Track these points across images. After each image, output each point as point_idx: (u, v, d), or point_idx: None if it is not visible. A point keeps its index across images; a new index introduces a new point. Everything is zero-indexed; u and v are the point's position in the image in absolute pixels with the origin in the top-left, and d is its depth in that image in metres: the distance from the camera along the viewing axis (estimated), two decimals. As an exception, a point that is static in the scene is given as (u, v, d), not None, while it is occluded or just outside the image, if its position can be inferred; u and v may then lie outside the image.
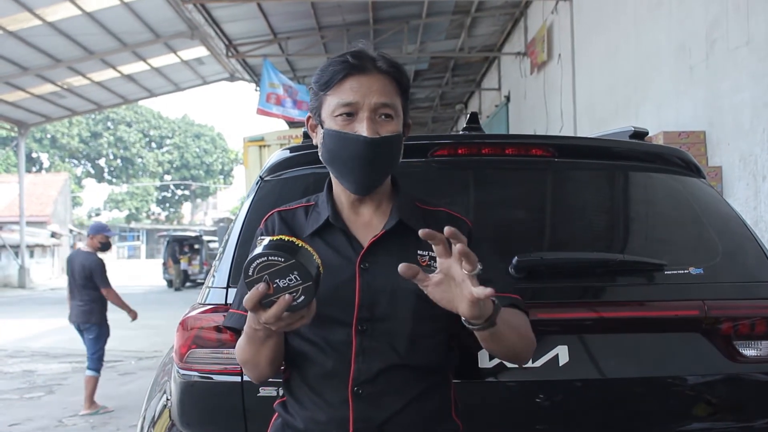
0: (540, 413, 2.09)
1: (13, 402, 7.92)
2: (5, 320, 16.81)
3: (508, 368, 2.02)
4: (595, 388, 2.10)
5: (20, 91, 22.32)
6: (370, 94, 1.68)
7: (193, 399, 2.20)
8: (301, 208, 1.86)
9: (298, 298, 1.45)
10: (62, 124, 57.62)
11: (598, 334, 2.12)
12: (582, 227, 2.43)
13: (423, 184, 2.44)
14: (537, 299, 2.10)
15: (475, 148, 2.46)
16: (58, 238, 37.12)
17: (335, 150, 1.72)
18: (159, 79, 22.51)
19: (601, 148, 2.60)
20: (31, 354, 11.42)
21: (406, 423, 1.67)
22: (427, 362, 1.71)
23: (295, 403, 1.77)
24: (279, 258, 1.42)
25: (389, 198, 1.82)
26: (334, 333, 1.69)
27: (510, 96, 17.87)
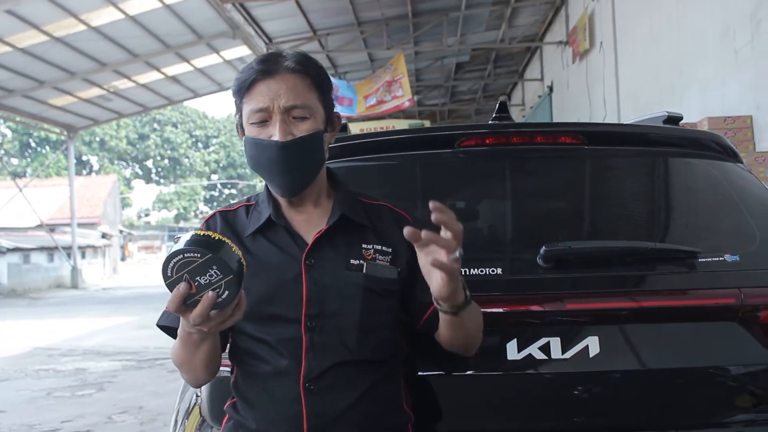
0: (570, 406, 2.04)
1: (65, 399, 8.08)
2: (59, 320, 17.15)
3: (537, 360, 1.98)
4: (627, 379, 2.04)
5: (68, 95, 22.73)
6: (278, 97, 1.68)
7: (222, 394, 2.20)
8: (242, 207, 1.87)
9: (222, 294, 1.41)
10: (110, 127, 58.55)
11: (630, 325, 2.06)
12: (613, 215, 2.38)
13: (450, 175, 2.41)
14: (566, 289, 2.06)
15: (503, 137, 2.42)
16: (109, 238, 37.77)
17: (255, 157, 1.72)
18: (202, 79, 22.73)
19: (632, 134, 2.54)
20: (83, 352, 11.63)
21: (359, 416, 1.69)
22: (377, 356, 1.73)
23: (245, 404, 1.77)
24: (195, 254, 1.38)
25: (328, 194, 1.82)
26: (282, 331, 1.69)
27: (553, 86, 17.70)
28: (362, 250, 1.73)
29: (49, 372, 9.90)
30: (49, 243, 29.24)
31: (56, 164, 49.95)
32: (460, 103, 25.71)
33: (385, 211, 1.82)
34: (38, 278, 28.44)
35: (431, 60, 20.53)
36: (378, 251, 1.74)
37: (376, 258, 1.73)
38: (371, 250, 1.73)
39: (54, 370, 10.02)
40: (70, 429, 6.67)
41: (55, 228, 32.79)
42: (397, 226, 1.73)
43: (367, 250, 1.73)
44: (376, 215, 1.80)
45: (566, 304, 1.92)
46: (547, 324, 1.89)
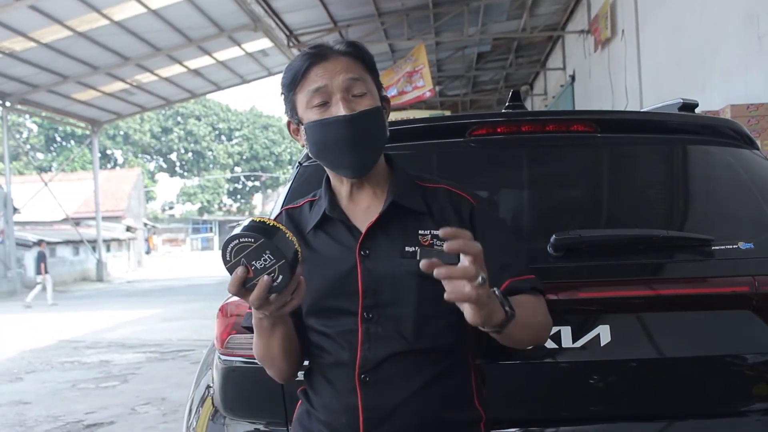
0: (580, 394, 2.03)
1: (89, 391, 8.16)
2: (84, 312, 17.35)
3: (548, 349, 1.98)
4: (639, 368, 2.03)
5: (92, 89, 22.93)
6: (336, 75, 1.67)
7: (234, 384, 2.22)
8: (307, 203, 1.87)
9: (277, 278, 1.44)
10: (134, 121, 58.99)
11: (641, 313, 2.05)
12: (625, 203, 2.36)
13: (462, 164, 2.40)
14: (576, 278, 2.05)
15: (514, 125, 2.41)
16: (133, 232, 38.07)
17: (320, 139, 1.70)
18: (225, 72, 22.82)
19: (646, 122, 2.52)
20: (107, 345, 11.74)
21: (417, 410, 1.65)
22: (436, 345, 1.67)
23: (312, 392, 1.78)
24: (250, 239, 1.42)
25: (386, 181, 1.79)
26: (341, 323, 1.68)
27: (575, 75, 17.57)
28: (419, 236, 1.69)
29: (74, 364, 10.01)
30: (75, 236, 29.53)
31: (81, 158, 50.39)
32: (482, 93, 25.59)
33: (443, 193, 1.77)
34: (64, 271, 28.71)
35: (452, 50, 20.46)
36: (435, 236, 1.67)
37: (434, 243, 1.67)
38: (428, 235, 1.68)
39: (79, 362, 10.13)
40: (94, 420, 6.73)
41: (80, 222, 33.06)
42: (455, 209, 1.73)
43: (423, 236, 1.69)
44: (434, 199, 1.75)
45: (577, 293, 1.91)
46: (558, 313, 1.86)
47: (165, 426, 6.30)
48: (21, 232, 27.30)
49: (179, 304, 17.67)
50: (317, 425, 1.73)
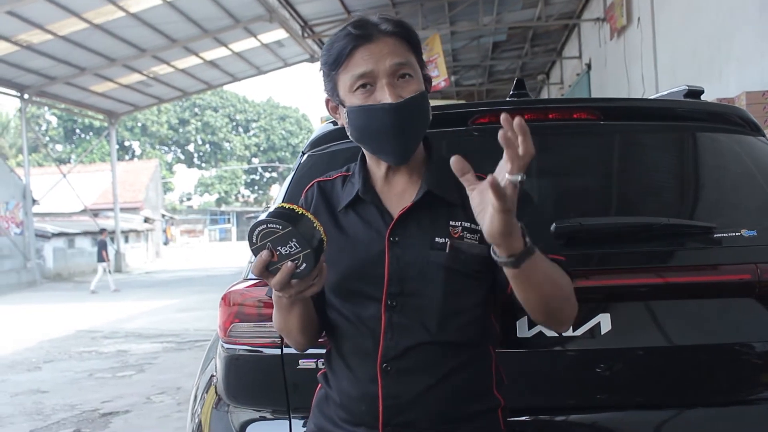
0: (580, 383, 2.03)
1: (106, 380, 8.23)
2: (102, 303, 17.49)
3: (546, 337, 1.97)
4: (640, 357, 2.02)
5: (109, 81, 23.04)
6: (382, 59, 1.62)
7: (237, 372, 2.23)
8: (340, 178, 1.83)
9: (300, 265, 1.45)
10: (151, 113, 59.26)
11: (643, 302, 2.04)
12: (628, 191, 2.34)
13: (463, 153, 2.39)
14: (577, 266, 2.03)
15: (516, 114, 2.39)
16: (151, 223, 38.26)
17: (363, 125, 1.66)
18: (241, 63, 22.86)
19: (650, 109, 2.50)
20: (125, 335, 11.83)
21: (437, 399, 1.64)
22: (459, 339, 1.65)
23: (332, 376, 1.77)
24: (277, 225, 1.43)
25: (423, 164, 1.75)
26: (365, 308, 1.67)
27: (591, 64, 17.47)
28: (449, 227, 1.66)
29: (92, 354, 10.10)
30: (93, 228, 29.67)
31: (100, 150, 50.69)
32: (499, 83, 25.48)
33: None
34: (82, 262, 28.92)
35: (467, 40, 20.39)
36: (467, 229, 1.65)
37: (464, 236, 1.65)
38: (459, 227, 1.65)
39: (96, 352, 10.22)
40: (110, 409, 6.79)
41: (98, 213, 33.25)
42: None
43: (454, 228, 1.66)
44: None
45: (577, 282, 1.90)
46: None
47: (179, 415, 6.35)
48: (40, 223, 27.53)
49: (197, 294, 17.77)
50: (336, 410, 1.73)
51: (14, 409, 6.99)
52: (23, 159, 26.34)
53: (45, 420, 6.50)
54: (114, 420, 6.42)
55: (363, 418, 1.67)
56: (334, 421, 1.73)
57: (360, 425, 1.67)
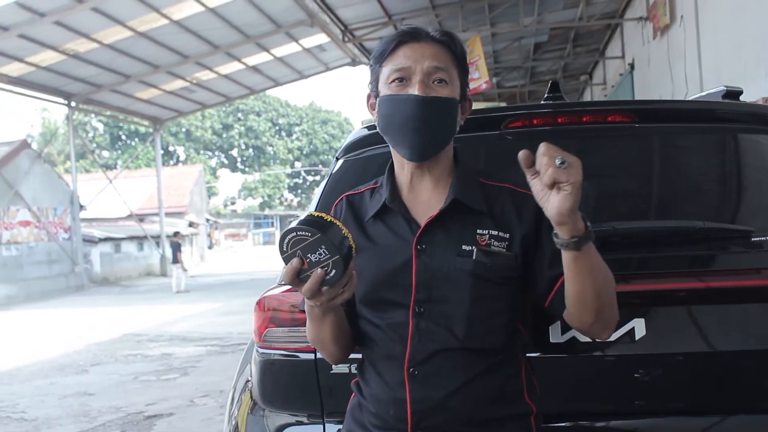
0: (614, 389, 2.01)
1: (151, 383, 8.36)
2: (148, 306, 17.75)
3: (580, 342, 1.96)
4: (676, 362, 1.99)
5: (153, 88, 23.37)
6: (422, 59, 1.68)
7: (271, 377, 2.25)
8: (368, 190, 1.86)
9: (330, 272, 1.47)
10: (195, 118, 59.84)
11: (677, 306, 2.01)
12: (663, 195, 2.32)
13: (496, 157, 2.39)
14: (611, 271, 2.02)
15: (550, 117, 2.38)
16: (196, 227, 38.64)
17: (389, 114, 1.71)
18: (283, 68, 23.01)
19: (685, 111, 2.47)
20: (169, 338, 11.99)
21: (464, 404, 1.65)
22: (485, 344, 1.67)
23: (364, 383, 1.79)
24: (306, 233, 1.45)
25: (449, 174, 1.77)
26: (393, 315, 1.69)
27: (634, 63, 17.25)
28: (477, 235, 1.68)
29: (137, 357, 10.26)
30: (139, 232, 30.11)
31: (145, 155, 51.34)
32: (541, 84, 25.26)
33: (506, 193, 1.74)
34: (129, 266, 29.35)
35: (509, 41, 20.27)
36: (494, 237, 1.68)
37: (491, 244, 1.67)
38: (486, 235, 1.67)
39: (142, 355, 10.37)
40: (154, 411, 6.90)
41: (144, 218, 33.72)
42: (517, 210, 1.71)
43: (482, 236, 1.67)
44: (495, 198, 1.73)
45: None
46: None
47: (222, 418, 6.37)
48: (87, 228, 27.97)
49: (240, 298, 17.92)
50: (368, 417, 1.75)
51: (62, 411, 7.14)
52: (71, 165, 26.82)
53: (91, 422, 6.62)
54: (158, 422, 6.51)
55: (392, 423, 1.68)
56: (365, 427, 1.75)
57: (390, 430, 1.69)
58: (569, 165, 1.40)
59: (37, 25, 16.33)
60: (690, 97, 2.84)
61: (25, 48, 17.83)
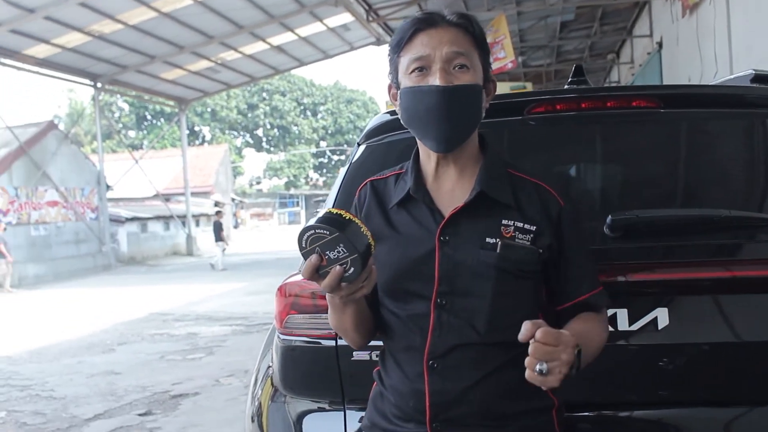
0: (637, 379, 2.00)
1: (177, 362, 8.45)
2: (175, 286, 17.91)
3: (603, 332, 1.94)
4: (699, 353, 1.97)
5: (178, 68, 23.45)
6: (440, 45, 1.64)
7: (293, 363, 2.26)
8: (393, 176, 1.84)
9: (349, 270, 1.47)
10: (221, 98, 59.99)
11: (701, 296, 1.98)
12: (689, 182, 2.27)
13: (519, 143, 2.36)
14: (633, 259, 1.99)
15: (573, 103, 2.34)
16: (221, 206, 38.84)
17: (411, 106, 1.68)
18: (307, 47, 22.98)
19: (712, 96, 2.42)
20: (195, 317, 12.11)
21: (483, 396, 1.64)
22: (507, 338, 1.63)
23: (385, 373, 1.80)
24: (325, 231, 1.46)
25: (475, 164, 1.74)
26: (415, 306, 1.68)
27: (662, 42, 17.01)
28: (501, 227, 1.66)
29: (164, 336, 10.37)
30: (165, 212, 30.31)
31: (171, 135, 51.63)
32: (567, 63, 25.00)
33: (533, 187, 1.72)
34: (155, 246, 29.57)
35: (535, 20, 20.06)
36: (519, 229, 1.65)
37: (516, 236, 1.65)
38: (511, 227, 1.65)
39: (168, 335, 10.48)
40: (180, 391, 6.98)
41: (170, 197, 33.90)
42: (543, 205, 1.70)
43: (506, 228, 1.65)
44: (522, 190, 1.71)
45: (634, 275, 1.87)
46: (614, 295, 1.81)
47: (246, 398, 6.46)
48: (114, 208, 28.22)
49: (265, 277, 18.03)
50: (388, 407, 1.75)
51: (90, 389, 7.25)
52: (97, 146, 27.02)
53: (118, 401, 6.71)
54: (183, 402, 6.59)
55: (412, 414, 1.68)
56: (386, 417, 1.76)
57: (410, 421, 1.69)
58: (549, 372, 1.43)
59: (62, 7, 16.41)
60: (718, 80, 2.77)
61: (51, 30, 17.94)
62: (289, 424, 2.23)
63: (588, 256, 1.73)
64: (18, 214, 21.76)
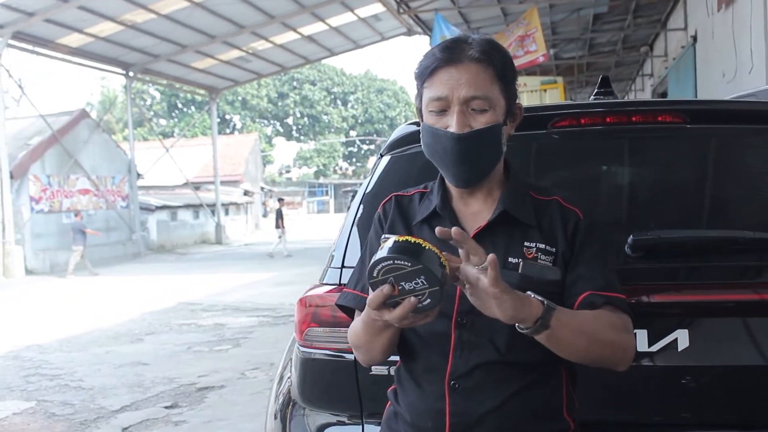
0: (655, 400, 1.98)
1: (203, 354, 8.53)
2: (203, 275, 18.04)
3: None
4: (718, 375, 1.95)
5: (209, 58, 23.61)
6: (459, 87, 1.63)
7: (311, 375, 2.27)
8: (417, 193, 1.84)
9: (424, 301, 1.44)
10: (251, 87, 60.19)
11: (723, 318, 1.96)
12: (714, 201, 2.24)
13: (542, 158, 2.34)
14: (654, 280, 1.98)
15: (599, 117, 2.32)
16: (251, 195, 39.02)
17: (430, 145, 1.70)
18: (338, 37, 23.02)
19: (740, 112, 2.37)
20: (222, 308, 12.19)
21: (504, 419, 1.63)
22: (528, 359, 1.64)
23: (401, 392, 1.79)
24: (405, 262, 1.41)
25: (500, 186, 1.75)
26: (435, 325, 1.63)
27: (697, 36, 16.78)
28: (524, 248, 1.66)
29: (191, 327, 10.46)
30: (195, 200, 30.52)
31: (201, 124, 51.91)
32: (600, 56, 24.80)
33: (555, 207, 1.72)
34: (185, 234, 29.81)
35: (567, 12, 19.88)
36: (541, 250, 1.66)
37: (538, 257, 1.65)
38: (533, 248, 1.66)
39: (195, 325, 10.57)
40: (206, 384, 7.04)
41: (199, 186, 34.10)
42: (563, 223, 1.69)
43: (529, 249, 1.66)
44: (544, 212, 1.71)
45: (655, 296, 1.85)
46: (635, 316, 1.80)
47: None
48: (144, 196, 28.49)
49: (294, 268, 18.12)
50: (403, 426, 1.75)
51: (117, 380, 7.33)
52: (128, 134, 27.26)
53: (145, 392, 6.78)
54: (209, 395, 6.64)
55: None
56: None
57: None
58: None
59: (95, -3, 16.58)
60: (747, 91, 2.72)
61: (85, 19, 18.11)
62: None
63: (596, 264, 1.68)
64: (50, 202, 22.04)
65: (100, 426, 5.85)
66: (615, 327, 1.60)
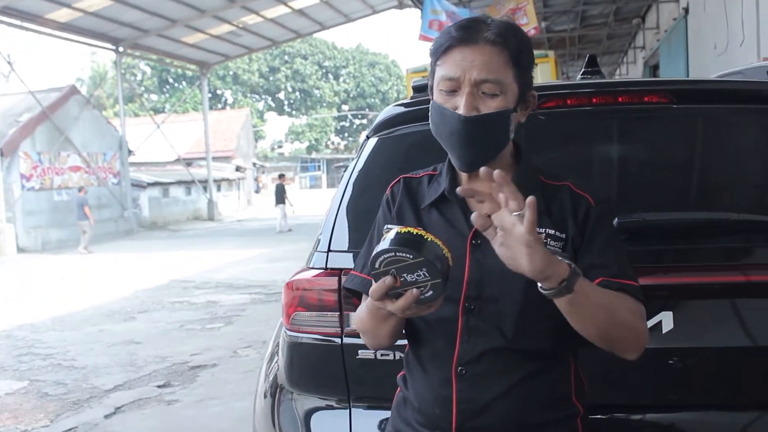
0: (646, 382, 1.99)
1: (195, 332, 8.55)
2: (195, 252, 18.06)
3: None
4: (702, 357, 1.96)
5: (199, 32, 23.47)
6: (471, 69, 1.59)
7: (298, 359, 2.27)
8: (426, 176, 1.82)
9: (426, 293, 1.43)
10: (242, 61, 59.92)
11: (707, 300, 1.97)
12: (700, 183, 2.23)
13: (528, 138, 2.32)
14: (639, 263, 1.96)
15: (584, 97, 2.30)
16: (243, 171, 38.93)
17: (438, 124, 1.66)
18: (329, 11, 22.91)
19: (728, 91, 2.35)
20: (215, 285, 12.21)
21: (511, 405, 1.63)
22: (536, 346, 1.63)
23: (410, 378, 1.78)
24: (407, 255, 1.40)
25: (510, 170, 1.70)
26: (442, 310, 1.60)
27: (689, 7, 16.71)
28: None
29: (183, 304, 10.47)
30: (186, 177, 30.42)
31: (192, 99, 51.61)
32: (591, 28, 24.67)
33: (566, 192, 1.69)
34: (177, 211, 29.75)
35: (559, -17, 19.80)
36: (551, 236, 1.63)
37: (547, 243, 1.62)
38: (543, 234, 1.62)
39: (188, 303, 10.58)
40: (198, 362, 7.06)
41: (191, 162, 33.98)
42: (573, 209, 1.67)
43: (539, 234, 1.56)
44: (554, 197, 1.69)
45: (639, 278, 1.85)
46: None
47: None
48: (136, 173, 28.37)
49: (286, 244, 18.12)
50: (412, 413, 1.75)
51: (110, 359, 7.35)
52: (119, 110, 27.12)
53: (137, 372, 6.80)
54: (201, 374, 6.66)
55: (437, 422, 1.68)
56: (411, 424, 1.75)
57: (435, 429, 1.69)
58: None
59: (83, -29, 16.42)
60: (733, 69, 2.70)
61: (73, -7, 17.96)
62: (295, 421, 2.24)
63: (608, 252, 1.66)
64: (41, 179, 21.95)
65: (92, 405, 5.87)
66: (633, 311, 1.59)
